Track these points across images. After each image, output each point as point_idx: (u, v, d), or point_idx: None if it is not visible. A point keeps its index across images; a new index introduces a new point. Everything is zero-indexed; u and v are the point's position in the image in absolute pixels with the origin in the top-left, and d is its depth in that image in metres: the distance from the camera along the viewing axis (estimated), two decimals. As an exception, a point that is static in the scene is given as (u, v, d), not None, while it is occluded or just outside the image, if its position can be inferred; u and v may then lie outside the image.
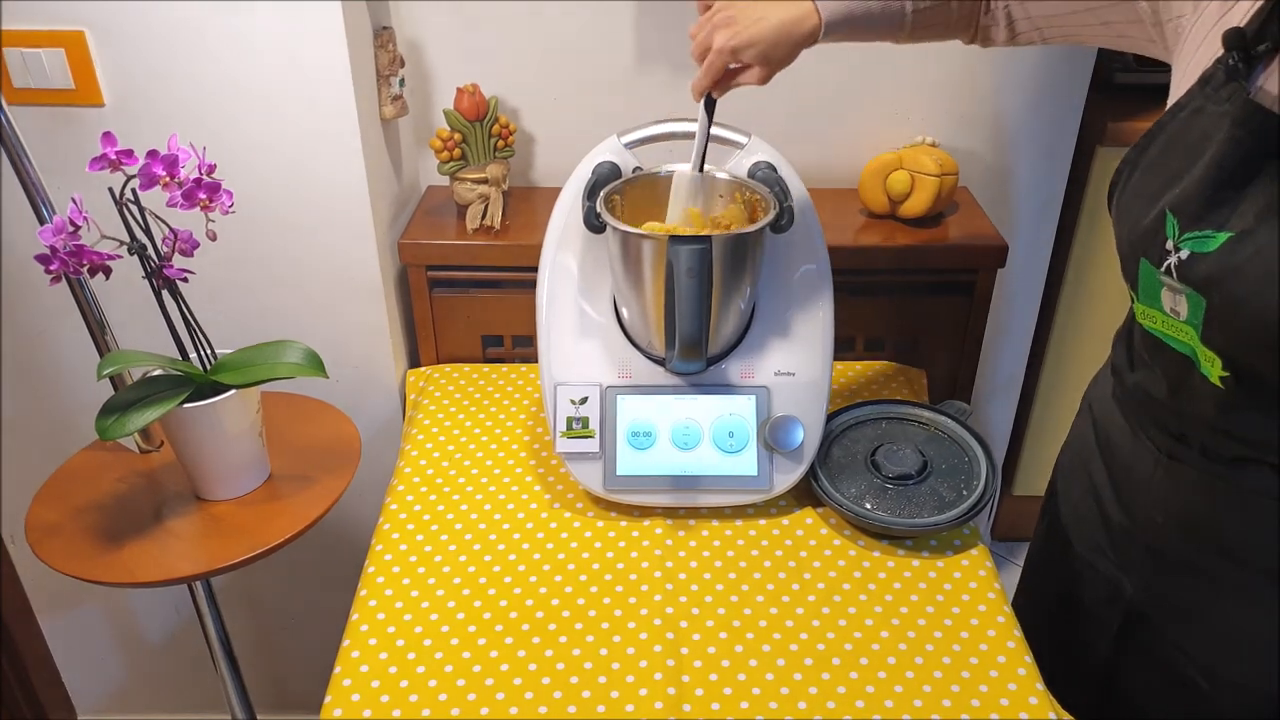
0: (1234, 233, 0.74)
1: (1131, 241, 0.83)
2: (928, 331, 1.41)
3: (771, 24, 0.93)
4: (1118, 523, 0.97)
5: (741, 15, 0.94)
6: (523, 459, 1.19)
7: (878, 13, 0.98)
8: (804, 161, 1.13)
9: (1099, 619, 1.02)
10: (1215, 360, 0.79)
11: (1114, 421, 0.97)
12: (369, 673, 0.92)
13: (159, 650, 1.65)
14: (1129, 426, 0.94)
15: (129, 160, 0.94)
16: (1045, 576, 1.13)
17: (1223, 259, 0.74)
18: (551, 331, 1.11)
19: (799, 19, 0.94)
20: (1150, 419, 0.91)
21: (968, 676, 0.91)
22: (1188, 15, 0.84)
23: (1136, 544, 0.96)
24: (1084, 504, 1.03)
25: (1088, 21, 0.93)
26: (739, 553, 1.05)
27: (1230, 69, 0.77)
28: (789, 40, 0.94)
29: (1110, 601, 1.00)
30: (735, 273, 1.02)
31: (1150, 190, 0.82)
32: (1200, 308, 0.77)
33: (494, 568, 1.03)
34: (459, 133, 1.33)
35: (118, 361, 1.03)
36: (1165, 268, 0.79)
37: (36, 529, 1.07)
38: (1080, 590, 1.04)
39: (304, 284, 1.31)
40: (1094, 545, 1.01)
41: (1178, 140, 0.81)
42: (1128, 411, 0.94)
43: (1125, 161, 0.86)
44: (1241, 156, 0.75)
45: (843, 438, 1.16)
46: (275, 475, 1.15)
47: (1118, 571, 0.99)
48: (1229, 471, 0.84)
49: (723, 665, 0.92)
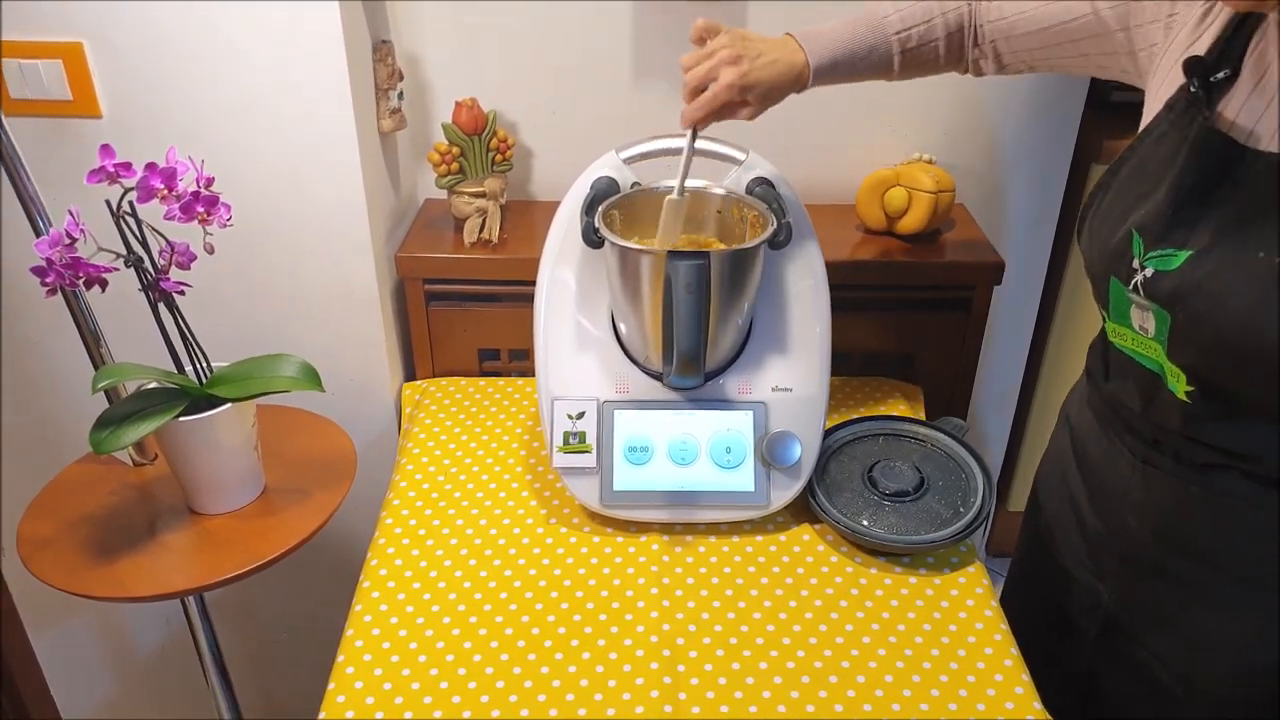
0: (1193, 251, 0.78)
1: (1103, 261, 0.86)
2: (924, 348, 1.41)
3: (779, 67, 0.97)
4: (1094, 531, 0.99)
5: (747, 53, 0.96)
6: (519, 474, 1.19)
7: (863, 55, 1.01)
8: (801, 178, 1.13)
9: (1079, 628, 1.03)
10: (1180, 376, 0.81)
11: (1090, 429, 0.99)
12: (363, 689, 0.91)
13: (150, 663, 1.64)
14: (1104, 434, 0.96)
15: (127, 173, 0.93)
16: (1028, 588, 1.15)
17: (1184, 276, 0.78)
18: (549, 346, 1.10)
19: (794, 63, 0.98)
20: (1125, 426, 0.93)
21: (965, 695, 0.91)
22: (1159, 44, 0.88)
23: (1112, 551, 0.97)
24: (1063, 513, 1.04)
25: (1069, 54, 0.97)
26: (736, 569, 1.05)
27: (1192, 96, 0.80)
28: (789, 84, 0.99)
29: (1089, 610, 1.02)
30: (733, 288, 1.02)
31: (1119, 211, 0.85)
32: (1166, 324, 0.80)
33: (490, 583, 1.03)
34: (457, 146, 1.33)
35: (113, 374, 1.02)
36: (1133, 285, 0.82)
37: (28, 542, 1.06)
38: (1061, 600, 1.06)
39: (300, 297, 1.31)
40: (1073, 554, 1.03)
41: (1145, 163, 0.84)
42: (1103, 419, 0.96)
43: (1098, 185, 0.90)
44: (1199, 179, 0.79)
45: (840, 454, 1.16)
46: (270, 489, 1.14)
47: (1095, 580, 1.00)
48: (1200, 477, 0.86)
49: (719, 682, 0.92)
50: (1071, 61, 0.98)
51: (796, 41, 1.00)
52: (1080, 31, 0.94)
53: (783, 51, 0.98)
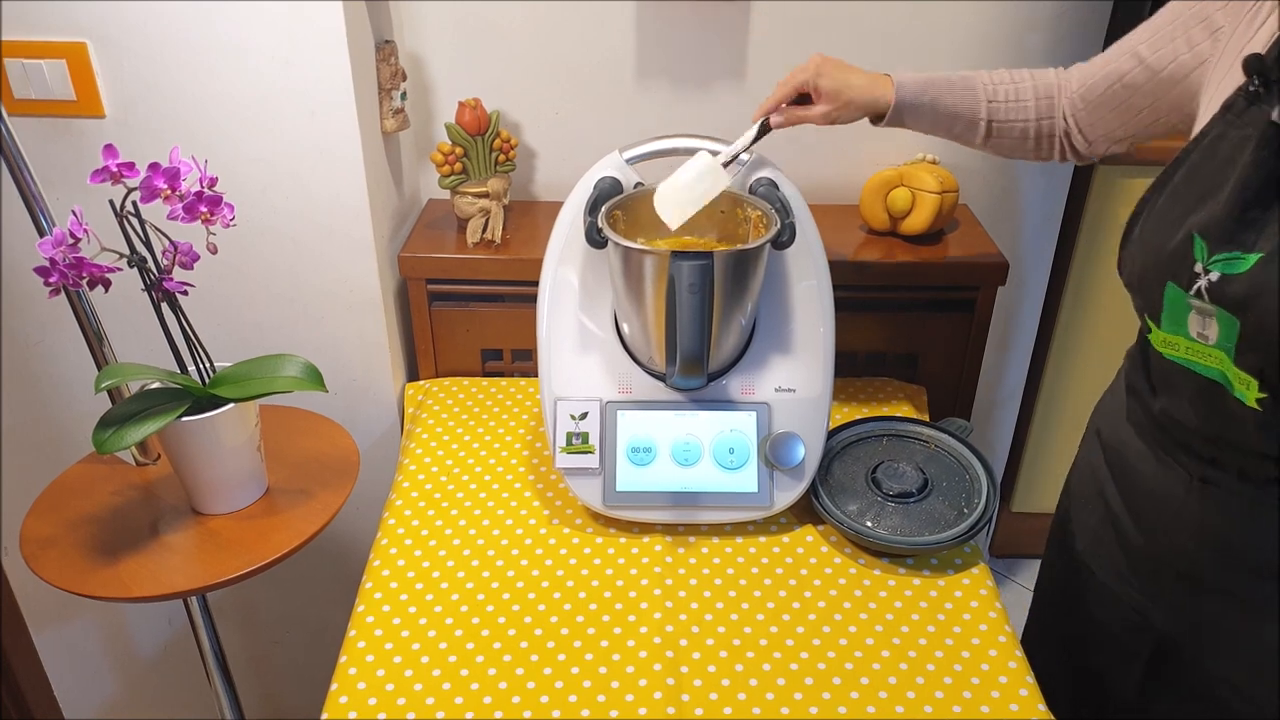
0: (1263, 253, 0.75)
1: (1157, 266, 0.83)
2: (928, 348, 1.41)
3: (858, 74, 1.03)
4: (1141, 551, 0.96)
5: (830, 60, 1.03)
6: (522, 474, 1.19)
7: (946, 88, 1.03)
8: (805, 178, 1.13)
9: (1126, 648, 1.01)
10: (1251, 382, 0.78)
11: (1130, 447, 0.96)
12: (366, 690, 0.91)
13: (152, 663, 1.64)
14: (1151, 452, 0.93)
15: (130, 173, 0.93)
16: (1064, 605, 1.11)
17: (1255, 279, 0.75)
18: (552, 346, 1.10)
19: (875, 77, 1.03)
20: (1176, 444, 0.90)
21: (969, 696, 0.91)
22: (1210, 58, 0.87)
23: (1164, 573, 0.94)
24: (1102, 531, 1.01)
25: (1140, 106, 0.97)
26: (739, 570, 1.05)
27: (1251, 94, 0.78)
28: (864, 91, 1.03)
29: (1138, 630, 0.99)
30: (737, 289, 1.02)
31: (1175, 215, 0.82)
32: (1233, 329, 0.77)
33: (492, 584, 1.03)
34: (460, 146, 1.33)
35: (116, 374, 1.02)
36: (1195, 290, 0.79)
37: (31, 542, 1.06)
38: (1103, 617, 1.03)
39: (303, 297, 1.31)
40: (1115, 573, 1.00)
41: (1201, 166, 0.82)
42: (1149, 436, 0.93)
43: (1149, 191, 0.87)
44: (1265, 178, 0.76)
45: (843, 455, 1.16)
46: (273, 489, 1.14)
47: (1144, 600, 0.97)
48: (1264, 494, 0.83)
49: (722, 684, 0.92)
50: (1143, 116, 0.97)
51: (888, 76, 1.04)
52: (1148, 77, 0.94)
53: (869, 74, 1.03)
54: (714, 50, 1.38)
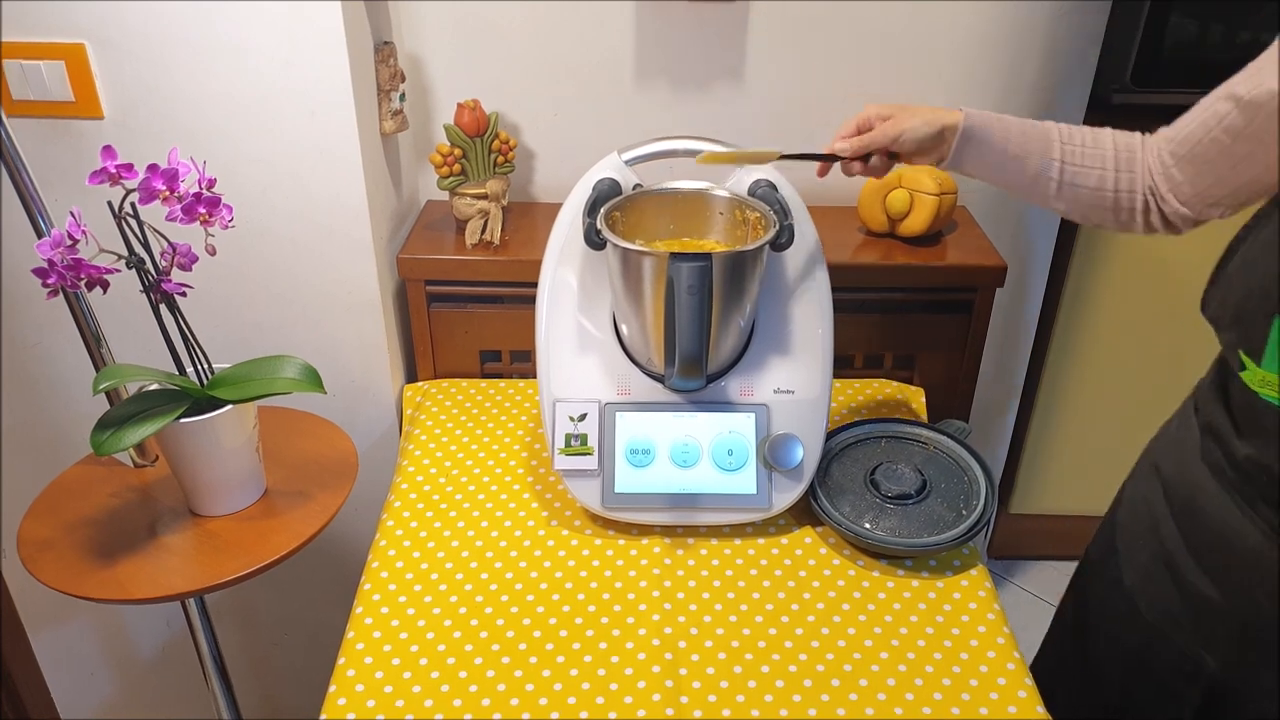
0: None
1: (1263, 297, 0.77)
2: (926, 350, 1.41)
3: (924, 113, 0.97)
4: (1202, 597, 0.92)
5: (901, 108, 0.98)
6: (520, 475, 1.19)
7: (1019, 130, 0.95)
8: (804, 180, 1.13)
9: (1174, 692, 0.97)
10: None
11: (1202, 488, 0.91)
12: (364, 692, 0.91)
13: (150, 664, 1.64)
14: (1229, 498, 0.88)
15: (129, 174, 0.93)
16: (1097, 639, 1.07)
17: None
18: (551, 347, 1.10)
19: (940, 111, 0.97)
20: (1260, 495, 0.85)
21: (968, 699, 0.91)
22: None
23: (1228, 624, 0.90)
24: (1154, 569, 0.97)
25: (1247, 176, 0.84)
26: (738, 572, 1.05)
27: None
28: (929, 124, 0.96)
29: (1187, 676, 0.95)
30: (735, 290, 1.02)
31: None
32: None
33: (491, 586, 1.03)
34: (459, 148, 1.33)
35: (114, 376, 1.02)
36: None
37: (29, 543, 1.06)
38: (1146, 656, 0.99)
39: (302, 298, 1.31)
40: (1166, 614, 0.96)
41: None
42: (1227, 481, 0.88)
43: (1249, 223, 0.81)
44: None
45: (842, 456, 1.16)
46: (271, 491, 1.14)
47: (1198, 647, 0.93)
48: None
49: (721, 686, 0.92)
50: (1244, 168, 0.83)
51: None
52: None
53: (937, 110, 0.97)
54: (713, 51, 1.38)
